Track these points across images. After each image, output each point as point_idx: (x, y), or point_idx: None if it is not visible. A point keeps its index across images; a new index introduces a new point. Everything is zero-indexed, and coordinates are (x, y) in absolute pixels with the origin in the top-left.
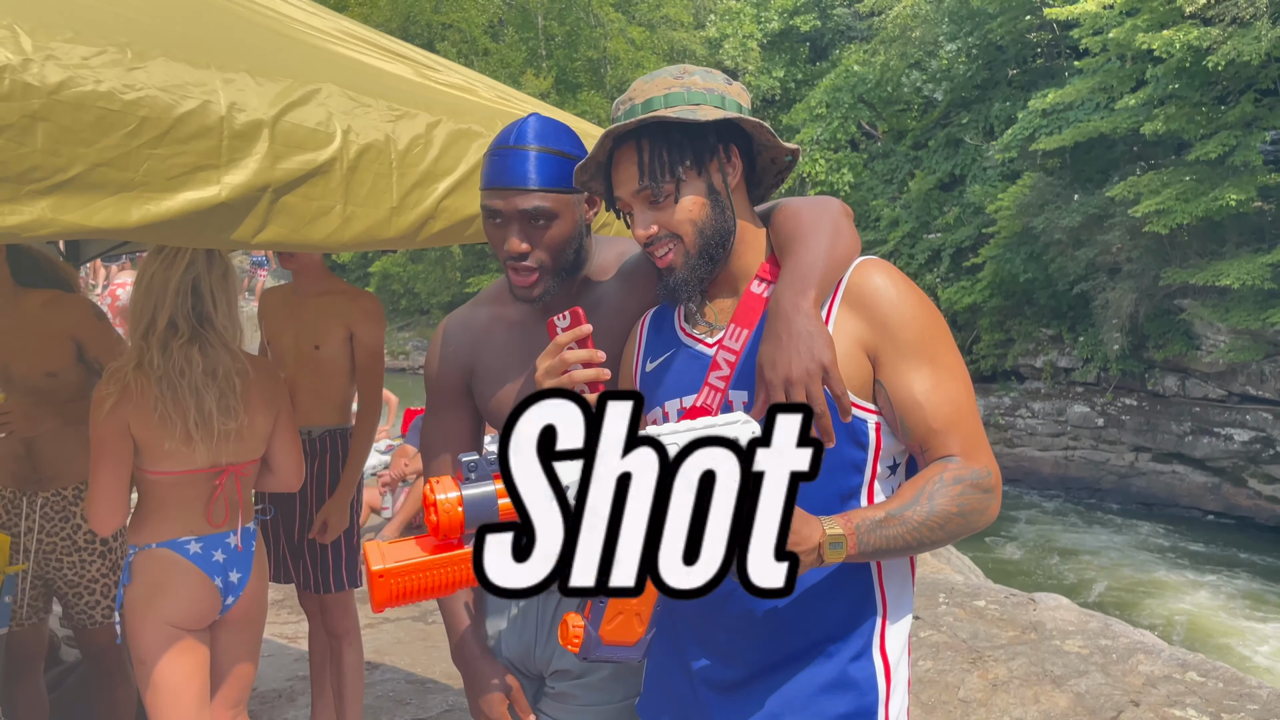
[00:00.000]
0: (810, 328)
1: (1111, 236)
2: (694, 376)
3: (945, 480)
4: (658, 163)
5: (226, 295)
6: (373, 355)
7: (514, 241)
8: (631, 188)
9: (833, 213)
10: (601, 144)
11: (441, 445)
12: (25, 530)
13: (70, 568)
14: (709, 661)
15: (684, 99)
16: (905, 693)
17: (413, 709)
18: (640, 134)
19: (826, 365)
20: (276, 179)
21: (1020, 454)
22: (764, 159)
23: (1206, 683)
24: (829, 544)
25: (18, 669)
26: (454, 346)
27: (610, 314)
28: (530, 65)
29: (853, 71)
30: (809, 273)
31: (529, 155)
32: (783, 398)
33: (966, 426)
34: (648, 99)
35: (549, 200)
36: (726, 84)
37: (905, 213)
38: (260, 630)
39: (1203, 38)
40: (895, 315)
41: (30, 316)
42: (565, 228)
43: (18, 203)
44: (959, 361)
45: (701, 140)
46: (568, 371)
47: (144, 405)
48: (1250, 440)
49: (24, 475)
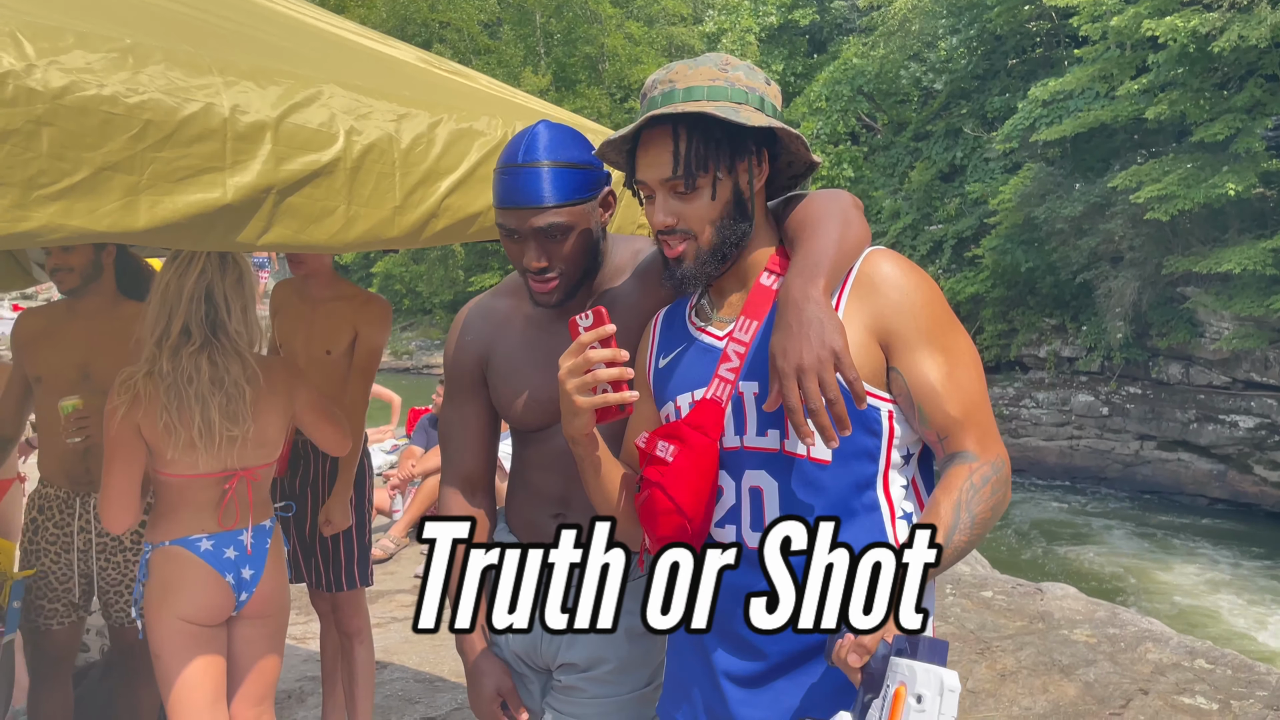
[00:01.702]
0: (821, 315)
1: (1113, 225)
2: (704, 369)
3: (975, 484)
4: (694, 156)
5: (241, 300)
6: (372, 354)
7: (530, 256)
8: (661, 174)
9: (843, 204)
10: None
11: (460, 434)
12: (78, 529)
13: (115, 567)
14: (731, 655)
15: (727, 95)
16: None
17: (422, 707)
18: (679, 121)
19: (838, 351)
20: (280, 180)
21: (1025, 444)
22: (782, 161)
23: (1215, 670)
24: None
25: (47, 669)
26: (472, 335)
27: (626, 311)
28: (528, 63)
29: (852, 64)
30: (819, 261)
31: (540, 173)
32: (795, 386)
33: (981, 415)
34: (690, 86)
35: (564, 215)
36: (766, 84)
37: (906, 204)
38: (282, 626)
39: (1205, 23)
40: (907, 303)
41: (122, 325)
42: (581, 237)
43: (27, 208)
44: (971, 347)
45: (740, 143)
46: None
47: (152, 412)
48: (1255, 427)
49: (78, 476)
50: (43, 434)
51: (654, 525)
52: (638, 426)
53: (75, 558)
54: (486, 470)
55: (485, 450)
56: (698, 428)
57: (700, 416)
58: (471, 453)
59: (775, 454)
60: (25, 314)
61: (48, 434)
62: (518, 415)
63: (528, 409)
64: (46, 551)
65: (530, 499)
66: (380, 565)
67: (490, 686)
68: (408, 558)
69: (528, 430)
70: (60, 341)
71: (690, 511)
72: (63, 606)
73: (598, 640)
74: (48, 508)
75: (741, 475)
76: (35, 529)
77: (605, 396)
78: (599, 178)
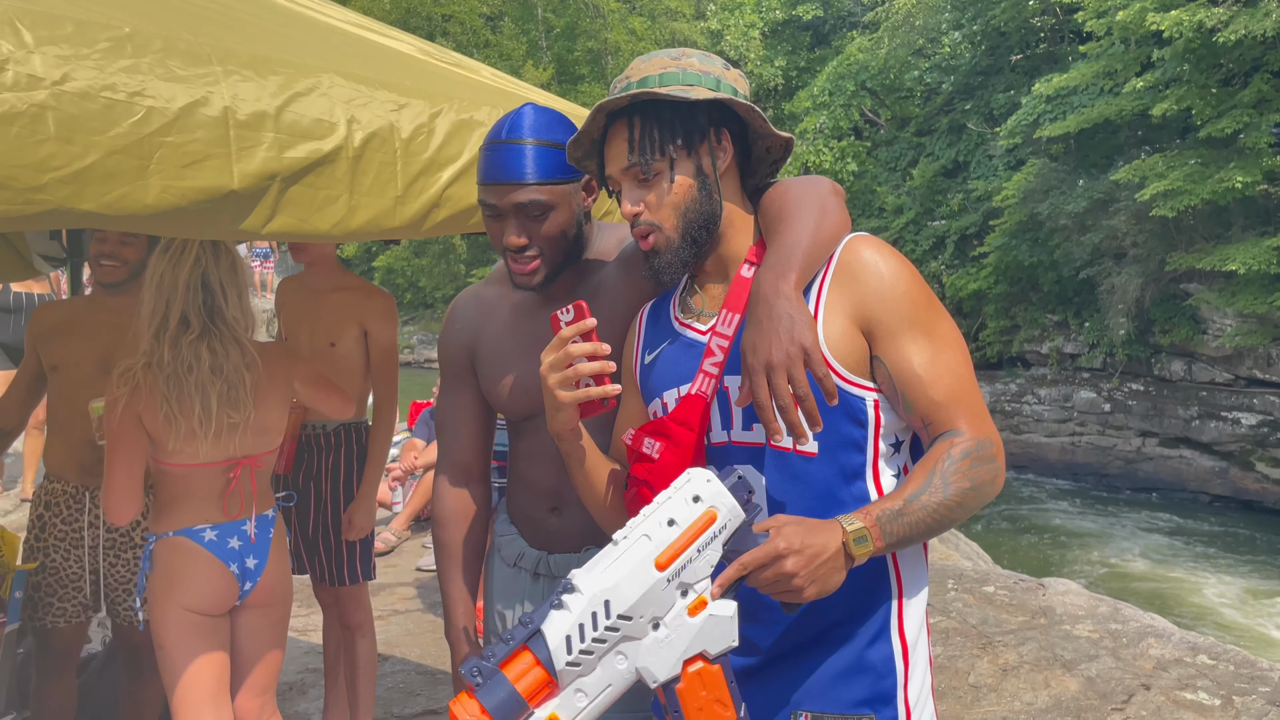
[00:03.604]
0: (791, 310)
1: (1117, 222)
2: (689, 365)
3: (954, 456)
4: (648, 139)
5: (237, 287)
6: (386, 353)
7: (511, 236)
8: (621, 164)
9: (820, 192)
10: (594, 119)
11: (452, 422)
12: (88, 524)
13: (124, 564)
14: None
15: (679, 79)
16: (926, 672)
17: (424, 700)
18: (633, 111)
19: (808, 348)
20: (284, 168)
21: (1027, 440)
22: (760, 147)
23: (1217, 665)
24: (854, 540)
25: (52, 666)
26: (461, 323)
27: (610, 300)
28: (530, 57)
29: (855, 59)
30: (790, 254)
31: (523, 150)
32: (765, 382)
33: (967, 397)
34: (643, 77)
35: (544, 193)
36: (724, 69)
37: (909, 200)
38: (284, 615)
39: (1210, 16)
40: (888, 289)
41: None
42: (562, 218)
43: (38, 191)
44: (954, 330)
45: (692, 121)
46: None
47: (153, 403)
48: (1258, 424)
49: (89, 468)
50: (53, 426)
51: None
52: (626, 422)
53: (85, 554)
54: (480, 458)
55: (478, 438)
56: (683, 424)
57: (685, 412)
58: (463, 441)
59: (761, 448)
60: (44, 306)
61: (59, 426)
62: (504, 402)
63: (514, 396)
64: (55, 548)
65: (525, 492)
66: (381, 558)
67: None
68: (409, 550)
69: (516, 419)
70: (82, 332)
71: None
72: (72, 605)
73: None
74: (55, 504)
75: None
76: (42, 525)
77: (587, 391)
78: None
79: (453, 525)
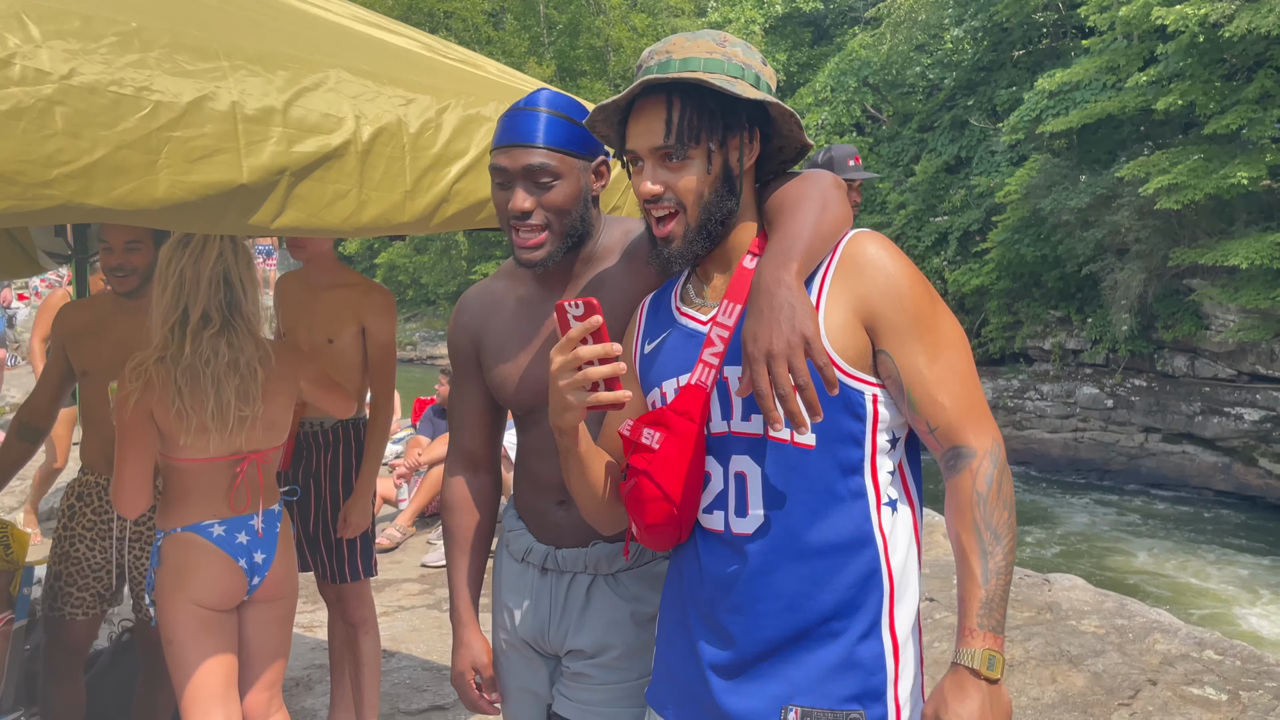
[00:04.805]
0: (791, 300)
1: (1120, 217)
2: (689, 354)
3: (983, 494)
4: (687, 125)
5: (253, 283)
6: (384, 350)
7: (518, 199)
8: (652, 142)
9: (822, 185)
10: (632, 89)
11: (461, 414)
12: (116, 516)
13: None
14: (715, 645)
15: (723, 68)
16: (917, 671)
17: (429, 695)
18: (673, 90)
19: (809, 337)
20: (293, 162)
21: (1030, 436)
22: (772, 145)
23: (1224, 661)
24: (985, 669)
25: (63, 661)
26: (468, 316)
27: (614, 292)
28: (532, 53)
29: (857, 55)
30: (792, 245)
31: (538, 115)
32: (765, 371)
33: (971, 399)
34: (687, 57)
35: (554, 159)
36: (762, 64)
37: (912, 196)
38: (291, 609)
39: (1214, 11)
40: (893, 287)
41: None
42: (569, 190)
43: (46, 186)
44: (956, 327)
45: (734, 116)
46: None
47: (164, 398)
48: (1261, 420)
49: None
50: (86, 423)
51: (641, 513)
52: (624, 413)
53: (112, 545)
54: (489, 449)
55: (486, 430)
56: (683, 414)
57: (685, 402)
58: (471, 432)
59: (759, 439)
60: (69, 307)
61: (91, 424)
62: (509, 395)
63: (519, 389)
64: (82, 538)
65: (532, 487)
66: (386, 554)
67: (465, 660)
68: (414, 547)
69: (522, 411)
70: (110, 335)
71: (678, 498)
72: (90, 596)
73: (604, 626)
74: (87, 494)
75: (728, 460)
76: (72, 515)
77: (597, 396)
78: (595, 144)
79: (461, 512)
